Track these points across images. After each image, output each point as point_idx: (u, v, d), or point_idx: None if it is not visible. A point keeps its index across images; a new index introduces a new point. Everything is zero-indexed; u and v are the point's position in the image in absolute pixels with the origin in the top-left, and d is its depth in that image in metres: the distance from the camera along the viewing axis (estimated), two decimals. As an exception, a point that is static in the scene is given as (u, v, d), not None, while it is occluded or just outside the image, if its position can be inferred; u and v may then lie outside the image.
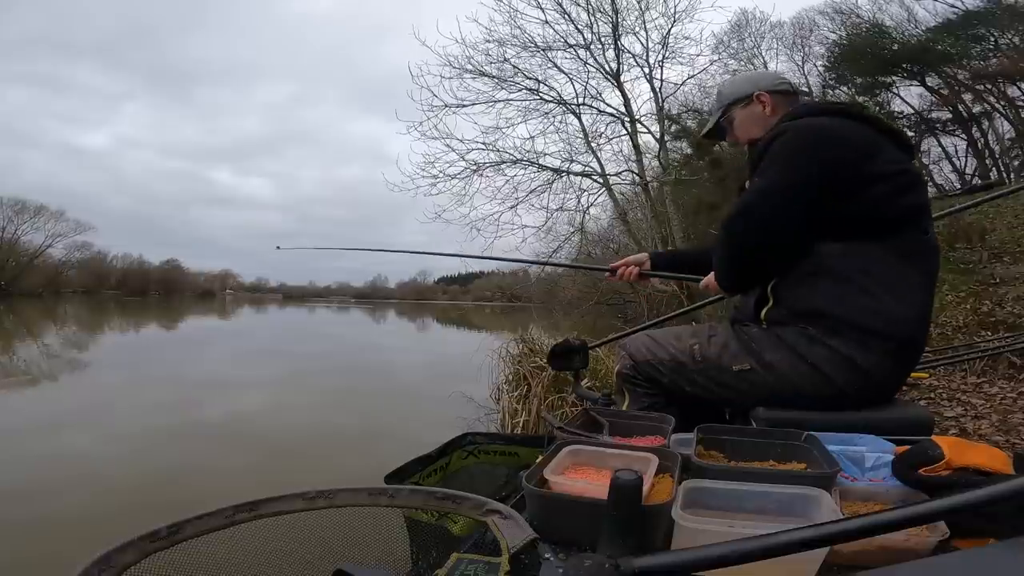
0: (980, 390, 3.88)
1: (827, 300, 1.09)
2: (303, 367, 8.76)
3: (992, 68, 12.26)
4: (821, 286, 1.10)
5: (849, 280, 1.08)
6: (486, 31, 9.45)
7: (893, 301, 1.07)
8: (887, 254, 1.09)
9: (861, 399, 1.10)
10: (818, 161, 1.09)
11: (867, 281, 1.08)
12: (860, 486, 0.76)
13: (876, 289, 1.07)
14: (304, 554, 0.57)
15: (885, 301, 1.07)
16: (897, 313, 1.07)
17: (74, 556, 0.43)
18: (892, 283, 1.08)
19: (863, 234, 1.09)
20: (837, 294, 1.09)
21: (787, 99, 1.34)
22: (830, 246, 1.10)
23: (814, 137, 1.12)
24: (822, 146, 1.11)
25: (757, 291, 1.21)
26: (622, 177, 10.37)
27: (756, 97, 1.33)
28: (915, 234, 1.12)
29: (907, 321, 1.08)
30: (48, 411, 5.08)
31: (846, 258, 1.09)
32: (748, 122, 1.36)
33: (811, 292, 1.11)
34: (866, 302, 1.07)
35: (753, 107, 1.34)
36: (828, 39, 14.66)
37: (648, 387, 1.30)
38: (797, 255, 1.13)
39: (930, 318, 1.15)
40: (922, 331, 1.13)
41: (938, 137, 14.88)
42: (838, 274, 1.09)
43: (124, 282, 56.89)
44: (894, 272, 1.08)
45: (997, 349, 4.04)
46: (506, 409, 4.30)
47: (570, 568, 0.38)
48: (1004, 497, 0.37)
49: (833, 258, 1.10)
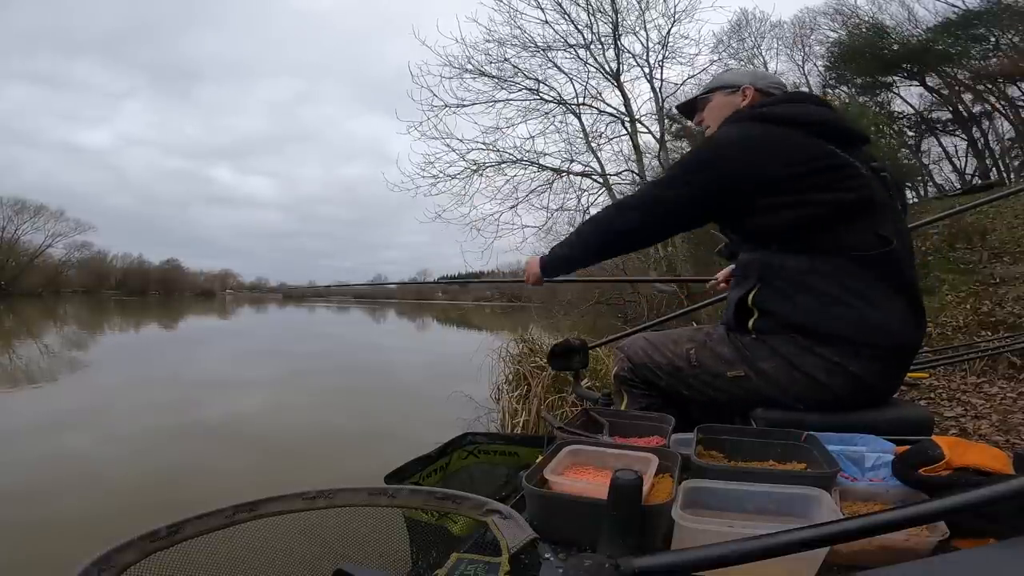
0: (980, 390, 3.88)
1: (808, 314, 1.09)
2: (303, 367, 8.76)
3: (992, 68, 12.25)
4: (800, 300, 1.10)
5: (824, 293, 1.08)
6: (486, 31, 9.47)
7: (869, 309, 1.07)
8: (851, 261, 1.08)
9: (856, 403, 1.10)
10: (709, 178, 1.14)
11: (840, 292, 1.07)
12: (860, 486, 0.76)
13: (850, 300, 1.07)
14: (304, 554, 0.57)
15: (862, 311, 1.06)
16: (876, 321, 1.07)
17: (74, 556, 0.43)
18: (863, 293, 1.07)
19: (822, 242, 1.09)
20: (816, 307, 1.08)
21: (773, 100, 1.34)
22: (796, 260, 1.10)
23: (713, 153, 1.16)
24: (716, 162, 1.14)
25: (734, 302, 1.19)
26: (622, 177, 10.38)
27: (743, 90, 1.32)
28: (867, 239, 1.09)
29: (888, 328, 1.07)
30: (48, 411, 5.08)
31: (813, 272, 1.09)
32: (721, 108, 1.34)
33: (792, 306, 1.11)
34: (843, 312, 1.07)
35: (735, 97, 1.33)
36: (828, 39, 14.65)
37: (645, 389, 1.31)
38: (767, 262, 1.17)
39: (919, 320, 1.14)
40: (909, 334, 1.12)
41: (938, 137, 14.87)
42: (812, 288, 1.09)
43: (124, 282, 56.89)
44: (862, 283, 1.07)
45: (997, 349, 4.04)
46: (506, 409, 4.30)
47: (570, 568, 0.38)
48: (1004, 497, 0.37)
49: (802, 272, 1.10)
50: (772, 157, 1.10)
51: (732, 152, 1.13)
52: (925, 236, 7.45)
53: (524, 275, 1.56)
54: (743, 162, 1.12)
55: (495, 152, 9.50)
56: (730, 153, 1.14)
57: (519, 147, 9.59)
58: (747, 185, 1.11)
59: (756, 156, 1.11)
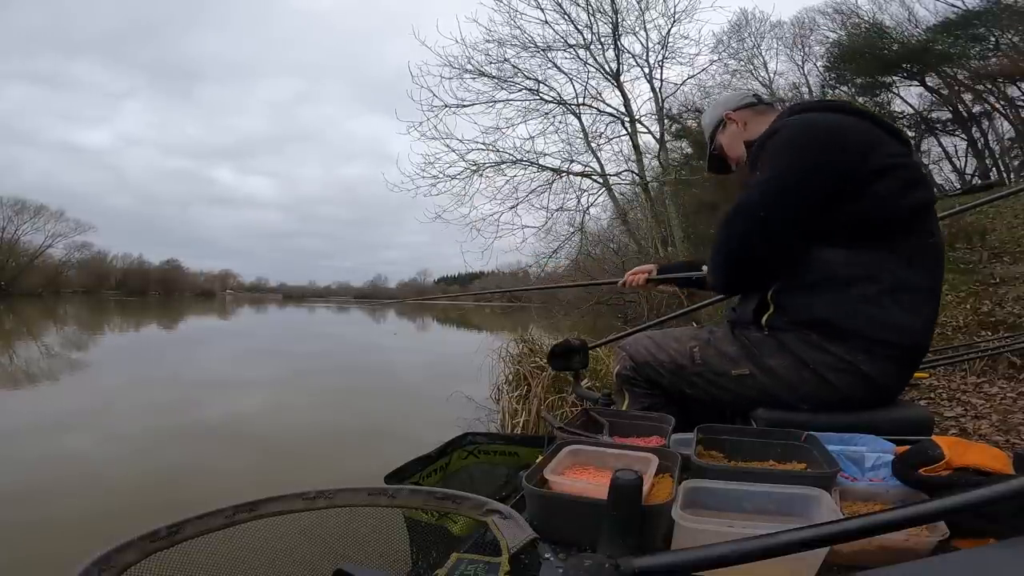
0: (980, 390, 3.88)
1: (831, 310, 1.06)
2: (303, 367, 8.76)
3: (992, 68, 12.25)
4: (825, 295, 1.07)
5: (853, 289, 1.05)
6: (486, 31, 9.49)
7: (899, 311, 1.04)
8: (893, 259, 1.05)
9: (863, 403, 1.09)
10: (814, 157, 1.05)
11: (872, 290, 1.04)
12: (860, 486, 0.75)
13: (882, 299, 1.04)
14: (304, 554, 0.57)
15: (892, 311, 1.04)
16: (903, 323, 1.04)
17: (74, 556, 0.43)
18: (898, 291, 1.04)
19: (868, 238, 1.05)
20: (841, 304, 1.05)
21: (755, 110, 1.36)
22: (833, 252, 1.06)
23: (810, 132, 1.09)
24: (818, 141, 1.06)
25: (756, 297, 1.17)
26: (622, 177, 10.40)
27: (727, 118, 1.36)
28: (922, 236, 1.08)
29: (913, 331, 1.06)
30: (48, 411, 5.08)
31: (850, 266, 1.05)
32: (730, 143, 1.39)
33: (814, 301, 1.08)
34: (872, 312, 1.04)
35: (728, 128, 1.38)
36: (828, 39, 14.67)
37: (648, 388, 1.30)
38: (795, 256, 1.09)
39: (936, 323, 1.12)
40: (927, 337, 1.11)
41: (938, 137, 14.88)
42: (842, 283, 1.05)
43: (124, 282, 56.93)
44: (900, 280, 1.04)
45: (997, 349, 4.04)
46: (506, 409, 4.30)
47: (570, 568, 0.38)
48: (1004, 497, 0.37)
49: (836, 266, 1.06)
50: (876, 145, 1.06)
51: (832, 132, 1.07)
52: (925, 236, 7.43)
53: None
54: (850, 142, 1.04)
55: (495, 152, 9.53)
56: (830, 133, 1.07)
57: (519, 147, 9.62)
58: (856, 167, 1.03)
59: (859, 140, 1.06)
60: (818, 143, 1.06)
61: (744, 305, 1.21)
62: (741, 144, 1.35)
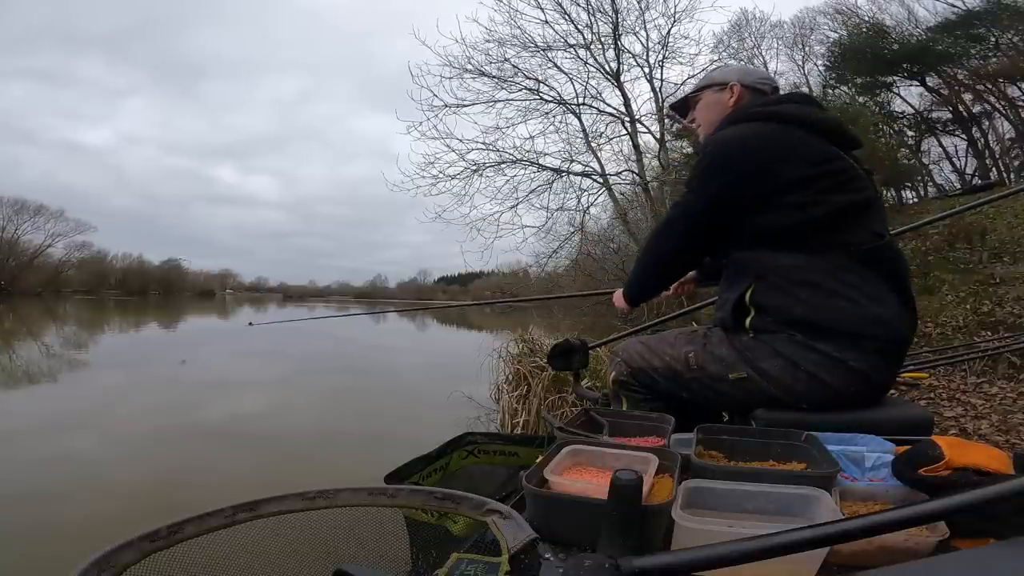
0: (980, 390, 3.88)
1: (807, 308, 1.10)
2: (303, 367, 8.74)
3: (992, 68, 12.25)
4: (798, 295, 1.10)
5: (821, 287, 1.09)
6: (486, 31, 9.48)
7: (866, 302, 1.08)
8: (845, 258, 1.09)
9: (857, 400, 1.10)
10: (721, 186, 1.15)
11: (838, 286, 1.08)
12: (860, 486, 0.76)
13: (849, 293, 1.08)
14: (304, 554, 0.57)
15: (860, 303, 1.08)
16: (874, 313, 1.08)
17: (74, 557, 0.43)
18: (860, 286, 1.09)
19: (807, 242, 1.10)
20: (815, 302, 1.09)
21: (756, 97, 1.33)
22: (791, 257, 1.11)
23: (724, 155, 1.17)
24: (729, 167, 1.14)
25: (732, 301, 1.19)
26: (622, 177, 10.40)
27: (730, 86, 1.33)
28: (864, 236, 1.11)
29: (886, 320, 1.09)
30: (48, 411, 5.07)
31: (811, 268, 1.10)
32: (711, 105, 1.36)
33: (791, 301, 1.11)
34: (844, 306, 1.08)
35: (723, 94, 1.34)
36: (828, 39, 14.66)
37: (645, 393, 1.30)
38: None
39: (911, 318, 1.16)
40: (904, 326, 1.13)
41: (938, 137, 14.85)
42: (809, 283, 1.10)
43: (124, 282, 56.83)
44: (859, 276, 1.09)
45: (997, 349, 4.04)
46: (506, 409, 4.30)
47: (570, 568, 0.38)
48: (1004, 497, 0.37)
49: (799, 269, 1.10)
50: (791, 156, 1.11)
51: (746, 151, 1.14)
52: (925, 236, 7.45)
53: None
54: (759, 161, 1.12)
55: (495, 152, 9.54)
56: (744, 152, 1.14)
57: (519, 147, 9.62)
58: (765, 184, 1.11)
59: (774, 154, 1.12)
60: (730, 170, 1.15)
61: (721, 308, 1.24)
62: (716, 116, 1.32)
